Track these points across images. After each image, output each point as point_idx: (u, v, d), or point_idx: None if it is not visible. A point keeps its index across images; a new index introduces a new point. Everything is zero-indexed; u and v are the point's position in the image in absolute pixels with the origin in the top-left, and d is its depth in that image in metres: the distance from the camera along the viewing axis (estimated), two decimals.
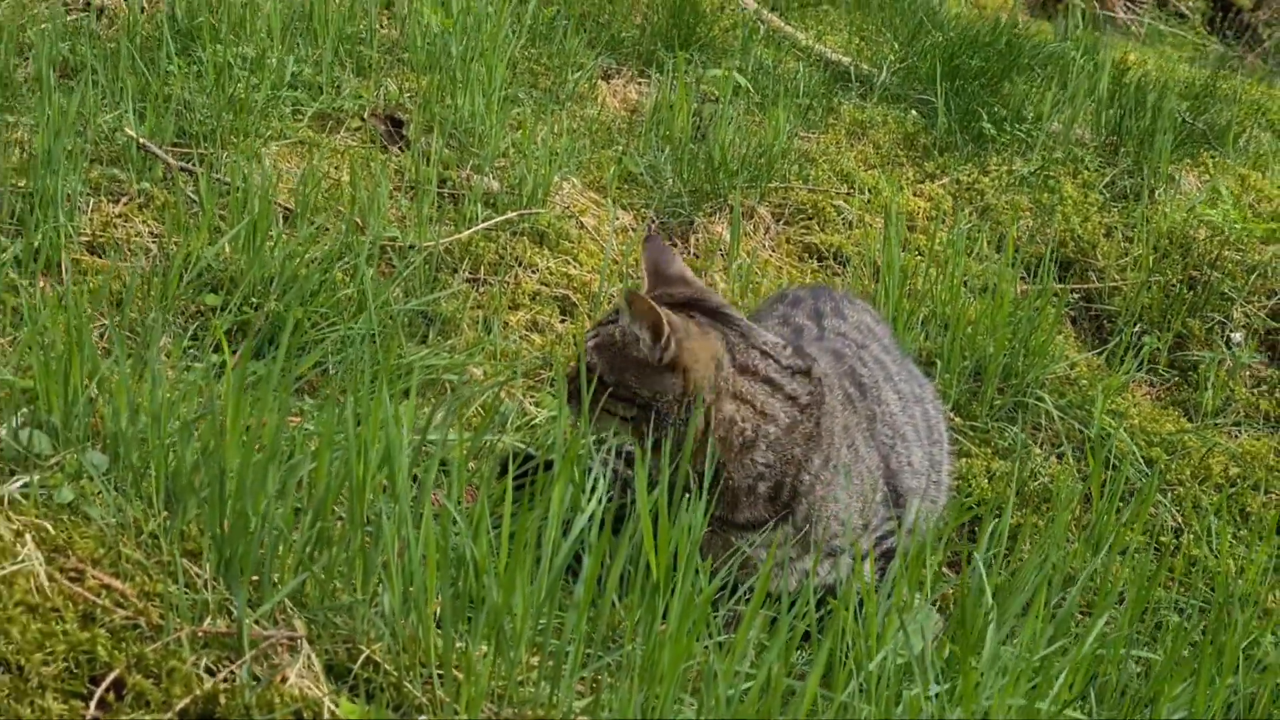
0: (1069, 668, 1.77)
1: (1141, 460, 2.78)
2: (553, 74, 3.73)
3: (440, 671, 1.57)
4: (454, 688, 1.57)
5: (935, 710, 1.67)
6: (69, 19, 3.49)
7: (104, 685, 1.45)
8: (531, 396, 2.48)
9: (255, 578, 1.64)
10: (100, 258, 2.55)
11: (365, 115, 3.26)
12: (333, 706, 1.50)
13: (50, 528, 1.65)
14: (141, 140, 2.79)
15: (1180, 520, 2.69)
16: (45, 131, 2.65)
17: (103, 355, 2.12)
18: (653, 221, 3.14)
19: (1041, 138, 3.79)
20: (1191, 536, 2.63)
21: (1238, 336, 3.28)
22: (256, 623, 1.58)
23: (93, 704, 1.44)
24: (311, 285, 2.45)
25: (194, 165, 2.83)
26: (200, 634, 1.55)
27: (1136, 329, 3.25)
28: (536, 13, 3.94)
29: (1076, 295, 3.37)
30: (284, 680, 1.51)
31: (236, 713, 1.46)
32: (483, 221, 2.86)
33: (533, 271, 2.85)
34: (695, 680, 1.69)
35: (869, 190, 3.45)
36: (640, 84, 3.92)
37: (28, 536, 1.59)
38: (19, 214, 2.55)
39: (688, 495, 1.72)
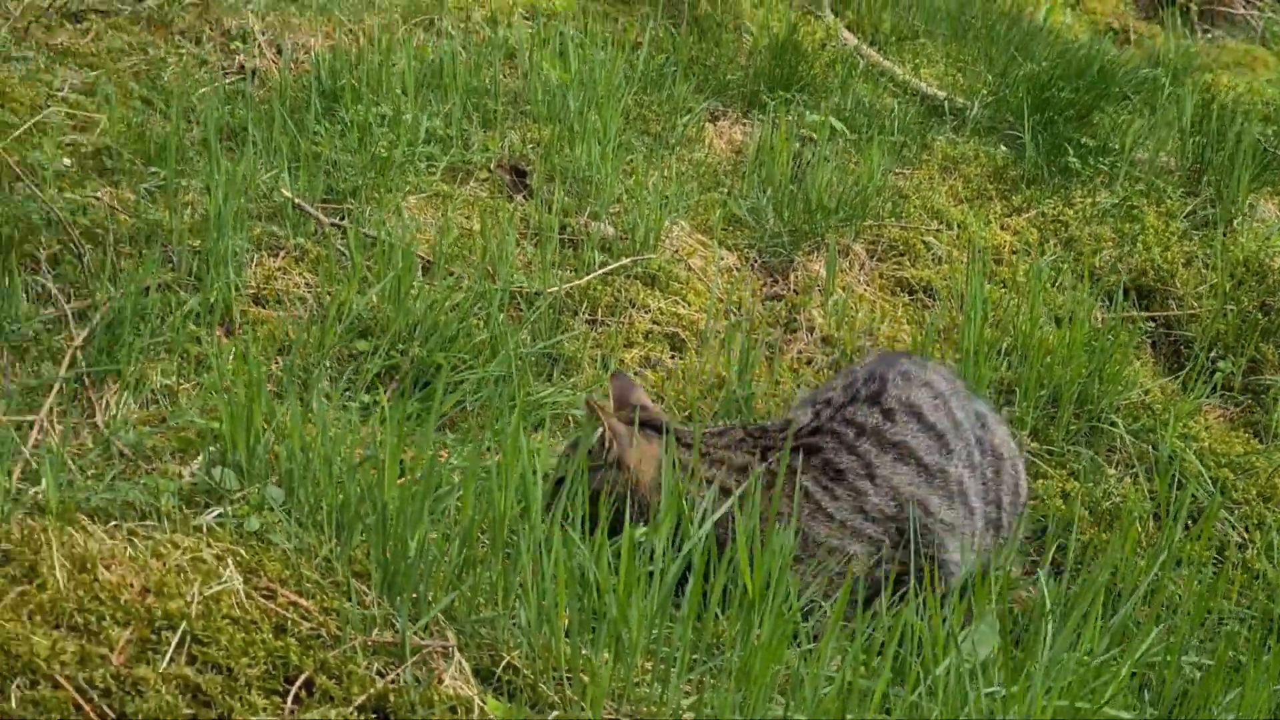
0: (1120, 671, 2.02)
1: (1209, 480, 3.00)
2: (662, 119, 4.02)
3: (569, 675, 1.88)
4: (580, 688, 1.87)
5: (996, 708, 1.93)
6: (226, 82, 3.87)
7: (297, 684, 1.77)
8: None
9: (413, 595, 1.96)
10: (264, 308, 2.90)
11: (492, 166, 3.58)
12: (481, 704, 1.81)
13: (244, 552, 1.98)
14: (296, 200, 3.14)
15: (1244, 536, 2.90)
16: (215, 195, 3.02)
17: (272, 397, 2.46)
18: (754, 262, 3.42)
19: (1125, 168, 3.99)
20: (1255, 551, 2.84)
21: None
22: (416, 634, 1.89)
23: (289, 700, 1.76)
24: (450, 332, 2.78)
25: (342, 220, 3.18)
26: (370, 643, 1.87)
27: (1212, 354, 3.45)
28: (648, 60, 4.24)
29: (1155, 322, 3.58)
30: (440, 682, 1.82)
31: (404, 709, 1.77)
32: (600, 267, 3.16)
33: (645, 311, 3.14)
34: (784, 682, 1.97)
35: (958, 225, 3.69)
36: (745, 125, 4.19)
37: (229, 560, 1.92)
38: (195, 271, 2.91)
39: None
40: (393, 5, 4.46)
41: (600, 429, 2.32)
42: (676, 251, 3.33)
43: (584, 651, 1.91)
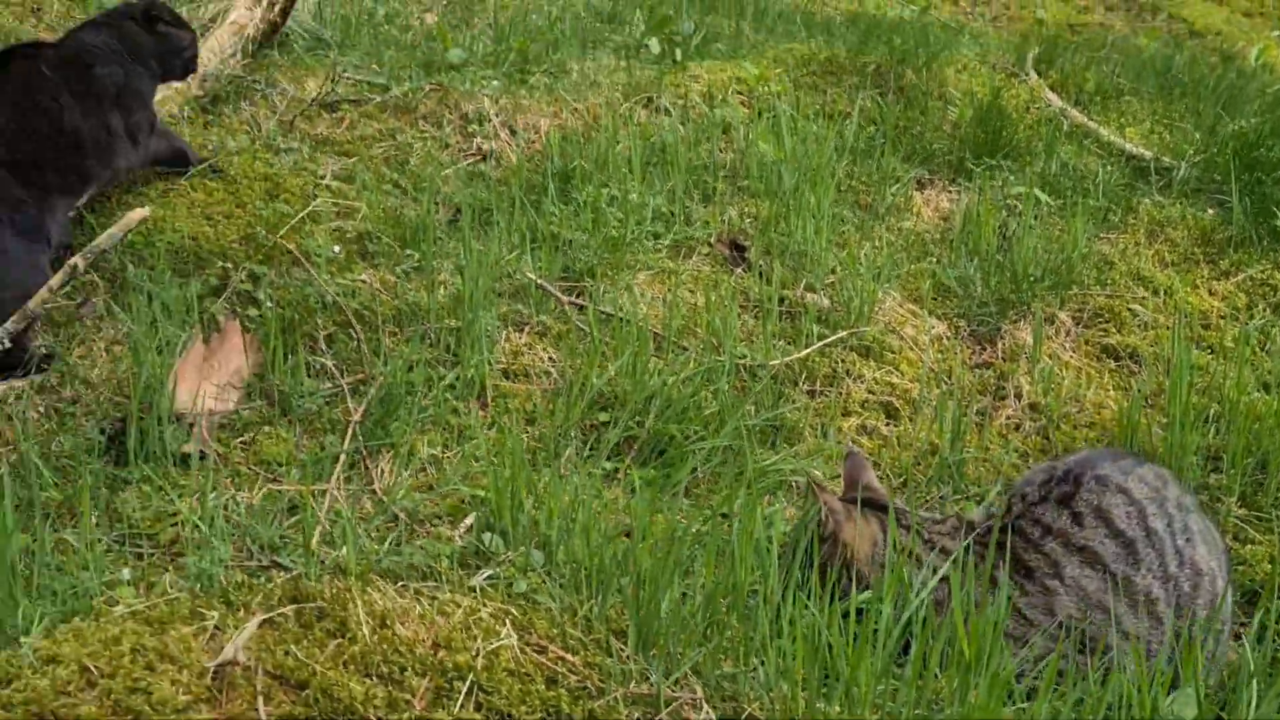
0: None
1: None
2: (872, 189, 4.23)
3: None
4: None
5: None
6: (466, 164, 4.21)
7: None
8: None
9: (665, 651, 2.20)
10: (514, 382, 3.20)
11: (712, 241, 3.84)
12: None
13: (515, 611, 2.26)
14: (538, 281, 3.44)
15: None
16: (467, 276, 3.34)
17: (528, 465, 2.75)
18: (963, 331, 3.59)
19: None
20: None
21: None
22: (668, 687, 2.14)
23: None
24: (683, 404, 3.03)
25: (579, 298, 3.46)
26: (629, 694, 2.12)
27: None
28: (857, 132, 4.45)
29: None
30: None
31: None
32: (817, 340, 3.38)
33: (860, 381, 3.35)
34: None
35: (1164, 291, 3.80)
36: (951, 192, 4.37)
37: (506, 620, 2.20)
38: (452, 347, 3.23)
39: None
40: (613, 84, 4.77)
41: (819, 506, 2.53)
42: (888, 323, 3.52)
43: (818, 704, 2.13)
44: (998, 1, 9.41)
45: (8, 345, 2.96)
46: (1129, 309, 3.71)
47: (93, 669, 2.03)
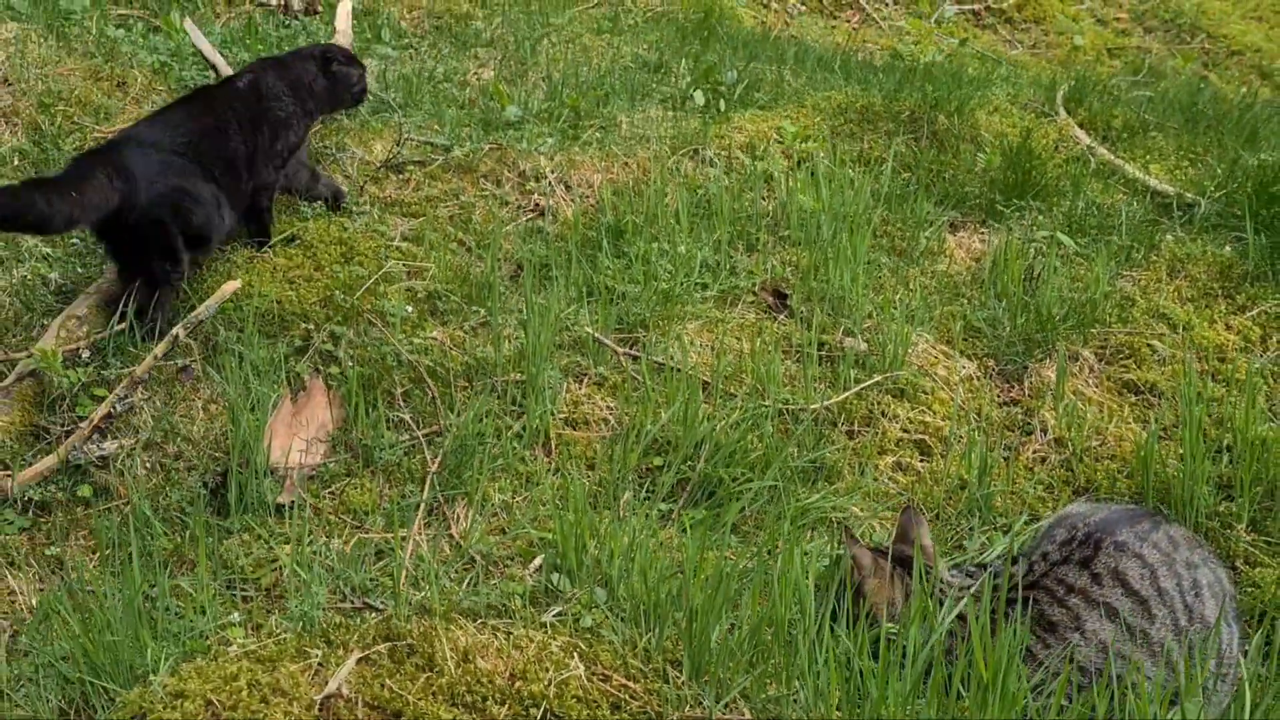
0: None
1: None
2: (907, 234, 4.49)
3: None
4: None
5: None
6: (525, 219, 4.51)
7: None
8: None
9: (716, 678, 2.48)
10: (575, 430, 3.49)
11: (756, 289, 4.11)
12: None
13: (582, 645, 2.54)
14: (595, 335, 3.73)
15: None
16: (530, 330, 3.63)
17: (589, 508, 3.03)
18: (992, 370, 3.85)
19: None
20: None
21: None
22: (719, 710, 2.41)
23: None
24: (731, 448, 3.31)
25: (633, 349, 3.75)
26: (684, 718, 2.40)
27: None
28: (892, 179, 4.72)
29: None
30: None
31: None
32: (855, 383, 3.65)
33: (895, 421, 3.61)
34: None
35: (1182, 326, 4.04)
36: (983, 234, 4.62)
37: (574, 653, 2.49)
38: (518, 399, 3.52)
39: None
40: (661, 137, 5.06)
41: (849, 556, 2.79)
42: (921, 366, 3.78)
43: None
44: (1036, 29, 9.60)
45: (126, 403, 3.32)
46: (1148, 345, 3.95)
47: (216, 703, 2.34)
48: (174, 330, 3.38)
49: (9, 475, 3.19)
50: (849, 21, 8.94)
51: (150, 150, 3.72)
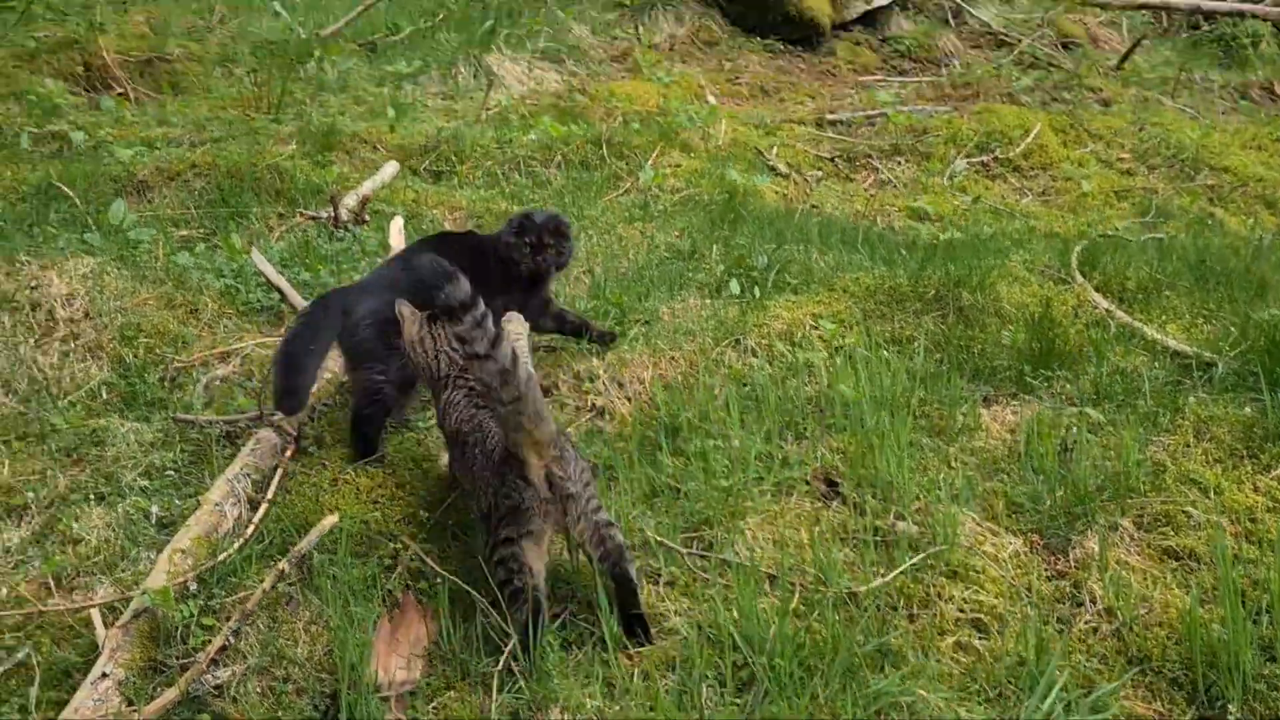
0: None
1: None
2: (943, 412, 4.76)
3: None
4: None
5: None
6: (585, 420, 4.80)
7: None
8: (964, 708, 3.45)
9: None
10: (653, 628, 3.72)
11: (808, 479, 4.38)
12: None
13: None
14: (662, 540, 3.99)
15: None
16: None
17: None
18: (1038, 545, 4.09)
19: None
20: None
21: None
22: None
23: None
24: (799, 639, 3.54)
25: (698, 547, 4.00)
26: None
27: None
28: (924, 358, 5.01)
29: None
30: None
31: None
32: (910, 567, 3.89)
33: (950, 602, 3.84)
34: None
35: (1212, 490, 4.28)
36: (1014, 406, 4.89)
37: None
38: (591, 603, 3.77)
39: None
40: (703, 328, 5.38)
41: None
42: (970, 545, 4.02)
43: None
44: (1044, 175, 9.96)
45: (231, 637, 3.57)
46: (1183, 512, 4.18)
47: None
48: (280, 565, 3.65)
49: (135, 711, 3.43)
50: (864, 184, 9.33)
51: None
